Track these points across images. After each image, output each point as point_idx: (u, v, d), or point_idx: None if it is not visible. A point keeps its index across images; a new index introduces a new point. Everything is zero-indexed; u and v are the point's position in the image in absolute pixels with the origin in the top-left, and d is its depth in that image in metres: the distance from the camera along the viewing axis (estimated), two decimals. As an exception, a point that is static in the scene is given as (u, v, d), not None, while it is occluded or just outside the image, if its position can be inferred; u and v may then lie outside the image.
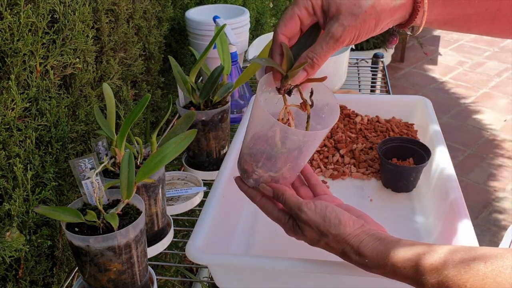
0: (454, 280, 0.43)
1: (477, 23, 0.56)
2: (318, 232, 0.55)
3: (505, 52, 3.78)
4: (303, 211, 0.55)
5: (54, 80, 0.73)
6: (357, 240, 0.53)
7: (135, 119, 0.67)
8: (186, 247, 0.64)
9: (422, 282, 0.47)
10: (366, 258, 0.52)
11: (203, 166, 0.95)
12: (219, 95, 0.90)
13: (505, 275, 0.41)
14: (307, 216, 0.55)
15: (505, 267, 0.41)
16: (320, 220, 0.55)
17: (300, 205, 0.56)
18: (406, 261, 0.48)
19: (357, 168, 0.94)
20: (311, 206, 0.56)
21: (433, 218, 0.79)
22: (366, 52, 3.16)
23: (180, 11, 1.28)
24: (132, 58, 1.00)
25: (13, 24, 0.63)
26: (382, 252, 0.51)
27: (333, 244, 0.55)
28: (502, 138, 2.70)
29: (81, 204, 0.62)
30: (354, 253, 0.53)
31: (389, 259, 0.50)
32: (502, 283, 0.41)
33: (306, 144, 0.57)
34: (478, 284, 0.42)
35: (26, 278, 0.70)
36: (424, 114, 0.99)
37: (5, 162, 0.65)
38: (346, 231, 0.54)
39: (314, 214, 0.55)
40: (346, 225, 0.54)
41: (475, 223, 2.08)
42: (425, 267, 0.46)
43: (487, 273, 0.42)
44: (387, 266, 0.50)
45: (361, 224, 0.55)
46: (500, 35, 0.59)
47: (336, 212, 0.55)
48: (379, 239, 0.52)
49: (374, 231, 0.54)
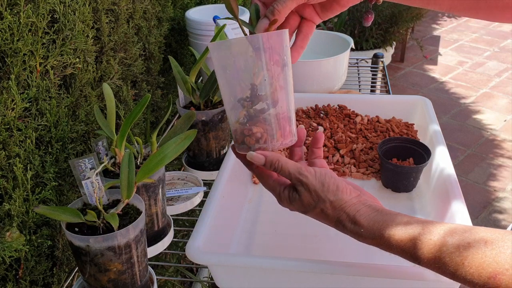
0: (452, 257, 0.43)
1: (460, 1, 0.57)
2: (315, 197, 0.55)
3: (505, 52, 3.78)
4: (304, 175, 0.55)
5: (54, 80, 0.73)
6: (354, 209, 0.53)
7: (135, 119, 0.67)
8: (186, 247, 0.64)
9: (418, 257, 0.47)
10: (362, 227, 0.52)
11: (203, 166, 0.95)
12: (219, 95, 0.90)
13: (505, 255, 0.41)
14: (308, 179, 0.55)
15: (505, 247, 0.41)
16: (319, 185, 0.54)
17: (299, 169, 0.55)
18: (404, 234, 0.48)
19: (357, 168, 0.94)
20: (310, 171, 0.55)
21: (433, 218, 0.79)
22: (366, 52, 3.17)
23: (180, 11, 1.28)
24: (132, 58, 1.00)
25: (13, 24, 0.63)
26: (379, 223, 0.51)
27: (329, 211, 0.55)
28: (502, 138, 2.70)
29: (81, 204, 0.62)
30: (349, 222, 0.53)
31: (386, 230, 0.50)
32: (501, 263, 0.40)
33: (272, 49, 0.55)
34: (477, 262, 0.42)
35: (26, 278, 0.70)
36: (424, 114, 0.99)
37: (5, 162, 0.65)
38: (344, 198, 0.54)
39: (314, 179, 0.55)
40: (344, 192, 0.54)
41: (475, 223, 2.08)
42: (423, 242, 0.46)
43: (486, 252, 0.42)
44: (383, 237, 0.50)
45: (357, 194, 0.55)
46: (467, 13, 0.59)
47: (335, 178, 0.55)
48: (376, 210, 0.52)
49: (371, 202, 0.54)
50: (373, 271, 0.58)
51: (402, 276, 0.57)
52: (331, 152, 0.96)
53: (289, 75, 0.57)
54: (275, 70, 0.56)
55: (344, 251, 0.58)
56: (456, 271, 0.43)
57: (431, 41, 4.04)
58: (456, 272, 0.43)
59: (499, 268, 0.40)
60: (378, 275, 0.58)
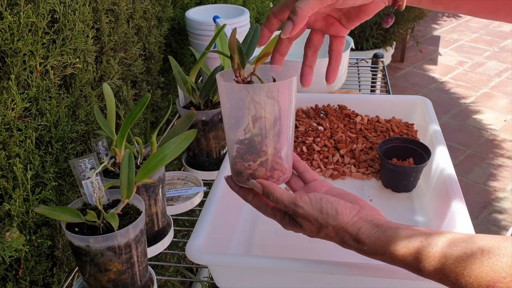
0: (452, 268, 0.45)
1: (463, 1, 0.58)
2: (317, 225, 0.55)
3: (505, 52, 3.78)
4: (300, 206, 0.55)
5: (54, 80, 0.73)
6: (355, 227, 0.54)
7: (135, 119, 0.67)
8: (186, 247, 0.64)
9: (420, 269, 0.48)
10: (365, 245, 0.53)
11: (203, 166, 0.95)
12: (218, 95, 0.90)
13: (501, 263, 0.42)
14: (304, 210, 0.55)
15: (502, 255, 0.42)
16: (317, 213, 0.55)
17: (294, 201, 0.56)
18: (405, 249, 0.49)
19: (357, 168, 0.94)
20: (306, 200, 0.55)
21: (433, 218, 0.79)
22: (366, 52, 3.17)
23: (180, 11, 1.28)
24: (132, 58, 1.00)
25: (13, 24, 0.63)
26: (380, 239, 0.51)
27: (332, 234, 0.55)
28: (502, 138, 2.70)
29: (81, 204, 0.62)
30: (353, 241, 0.54)
31: (388, 246, 0.50)
32: (498, 271, 0.41)
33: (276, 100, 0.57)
34: (475, 272, 0.43)
35: (26, 278, 0.70)
36: (424, 114, 0.99)
37: (5, 162, 0.65)
38: (344, 220, 0.54)
39: (311, 208, 0.55)
40: (344, 214, 0.54)
41: (475, 223, 2.08)
42: (424, 255, 0.47)
43: (483, 262, 0.43)
44: (385, 253, 0.51)
45: (357, 210, 0.55)
46: (486, 16, 0.60)
47: (331, 202, 0.55)
48: (376, 225, 0.53)
49: (371, 217, 0.54)
50: (373, 271, 0.58)
51: (402, 276, 0.57)
52: (331, 152, 0.96)
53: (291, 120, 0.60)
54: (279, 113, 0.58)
55: (344, 251, 0.58)
56: (456, 281, 0.44)
57: (431, 41, 4.04)
58: (457, 282, 0.44)
59: (497, 277, 0.41)
60: (378, 275, 0.58)
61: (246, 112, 0.57)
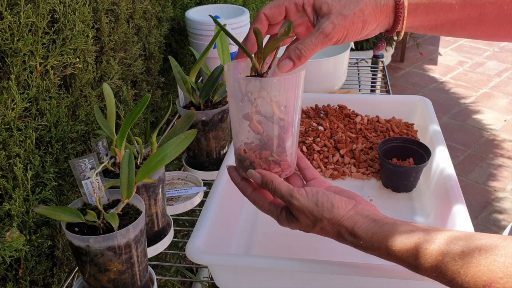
0: (449, 266, 0.44)
1: (461, 27, 0.59)
2: (312, 218, 0.55)
3: (505, 52, 3.78)
4: (295, 198, 0.55)
5: (54, 80, 0.73)
6: (351, 221, 0.53)
7: (135, 119, 0.67)
8: (186, 247, 0.64)
9: (417, 266, 0.48)
10: (361, 239, 0.52)
11: (203, 166, 0.95)
12: (219, 95, 0.90)
13: (499, 263, 0.41)
14: (300, 202, 0.55)
15: (499, 255, 0.42)
16: (313, 206, 0.55)
17: (291, 192, 0.56)
18: (402, 245, 0.49)
19: (357, 168, 0.94)
20: (302, 192, 0.55)
21: (433, 218, 0.79)
22: (366, 52, 3.17)
23: (180, 11, 1.28)
24: (132, 58, 1.00)
25: (13, 24, 0.63)
26: (377, 234, 0.51)
27: (328, 228, 0.55)
28: (502, 138, 2.70)
29: (81, 204, 0.62)
30: (349, 235, 0.54)
31: (384, 242, 0.50)
32: (495, 271, 0.41)
33: (284, 94, 0.58)
34: (472, 271, 0.43)
35: (26, 278, 0.70)
36: (424, 114, 0.99)
37: (5, 162, 0.65)
38: (340, 213, 0.54)
39: (307, 200, 0.55)
40: (339, 208, 0.54)
41: (475, 223, 2.08)
42: (421, 252, 0.47)
43: (481, 261, 0.42)
44: (382, 248, 0.51)
45: (353, 204, 0.55)
46: (485, 38, 0.62)
47: (327, 196, 0.55)
48: (373, 220, 0.53)
49: (367, 212, 0.54)
50: (372, 271, 0.58)
51: (402, 276, 0.57)
52: (331, 152, 0.96)
53: (297, 114, 0.60)
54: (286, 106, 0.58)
55: (344, 251, 0.58)
56: (453, 280, 0.44)
57: (431, 41, 4.04)
58: (453, 281, 0.44)
59: (493, 277, 0.41)
60: (378, 275, 0.58)
61: (254, 104, 0.57)
